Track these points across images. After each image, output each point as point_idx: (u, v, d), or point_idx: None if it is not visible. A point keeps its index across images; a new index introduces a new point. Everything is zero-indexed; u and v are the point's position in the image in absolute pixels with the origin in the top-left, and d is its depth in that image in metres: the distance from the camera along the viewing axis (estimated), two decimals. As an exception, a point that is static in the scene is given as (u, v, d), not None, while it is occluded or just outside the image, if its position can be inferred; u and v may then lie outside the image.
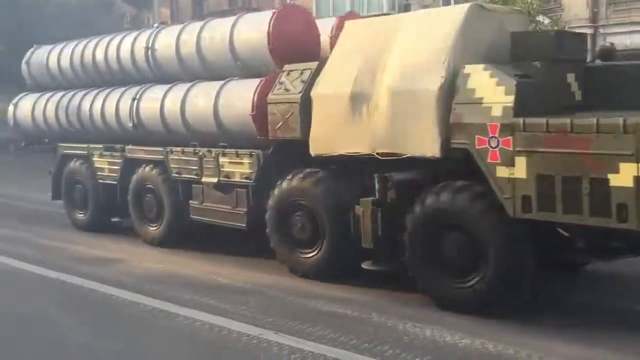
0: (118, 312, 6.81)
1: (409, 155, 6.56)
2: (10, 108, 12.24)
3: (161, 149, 9.31)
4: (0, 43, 30.35)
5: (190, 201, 8.98)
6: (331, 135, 7.24)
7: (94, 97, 10.49)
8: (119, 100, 9.98)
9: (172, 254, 9.21)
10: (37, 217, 12.59)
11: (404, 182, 6.68)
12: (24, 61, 12.24)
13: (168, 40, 9.43)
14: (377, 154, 6.80)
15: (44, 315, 6.69)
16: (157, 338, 6.03)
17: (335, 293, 7.12)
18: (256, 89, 7.96)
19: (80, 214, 11.08)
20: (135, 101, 9.61)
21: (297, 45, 8.05)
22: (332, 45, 7.94)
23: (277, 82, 7.81)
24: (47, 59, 11.73)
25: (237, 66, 8.56)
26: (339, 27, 8.14)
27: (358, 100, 7.00)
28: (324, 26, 8.63)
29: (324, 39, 8.43)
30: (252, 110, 7.91)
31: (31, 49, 12.34)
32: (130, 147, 9.88)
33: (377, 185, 6.81)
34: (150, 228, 9.70)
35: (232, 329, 6.08)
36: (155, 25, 10.14)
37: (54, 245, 9.92)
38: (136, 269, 8.43)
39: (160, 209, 9.48)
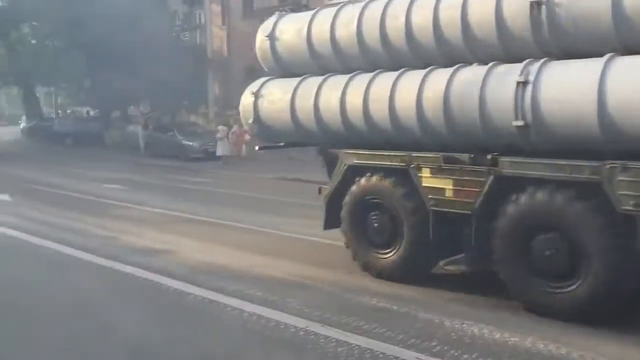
0: (168, 301, 6.95)
1: None
2: (249, 99, 8.67)
3: (594, 163, 5.70)
4: (56, 39, 31.51)
5: None
6: None
7: (422, 83, 6.83)
8: (483, 86, 6.32)
9: (221, 245, 9.36)
10: (90, 207, 12.96)
11: None
12: (262, 35, 8.67)
13: None
14: None
15: (97, 303, 6.87)
16: (206, 327, 6.13)
17: (382, 288, 7.10)
18: None
19: (383, 254, 7.43)
20: (529, 86, 6.01)
21: None
22: None
23: None
24: (308, 30, 8.07)
25: None
26: None
27: None
28: None
29: None
30: None
31: (273, 17, 8.78)
32: (511, 159, 6.25)
33: None
34: (557, 290, 6.00)
35: (279, 320, 6.13)
36: None
37: (107, 235, 10.19)
38: (186, 260, 8.58)
39: (580, 261, 5.85)
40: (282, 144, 9.20)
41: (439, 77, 6.76)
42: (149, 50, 25.66)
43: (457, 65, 6.75)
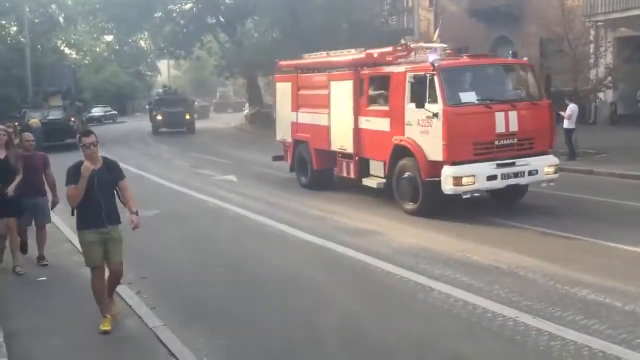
0: (377, 280, 7.17)
1: None
2: None
3: None
4: (275, 32, 33.92)
5: None
6: None
7: None
8: None
9: (426, 229, 9.38)
10: (302, 188, 13.79)
11: None
12: None
13: None
14: None
15: (311, 277, 7.36)
16: (413, 309, 6.22)
17: (603, 282, 6.56)
18: None
19: None
20: None
21: None
22: None
23: None
24: None
25: None
26: None
27: None
28: None
29: None
30: None
31: None
32: None
33: None
34: None
35: (486, 307, 6.00)
36: None
37: (320, 215, 10.81)
38: (392, 241, 8.76)
39: None
40: None
41: None
42: (359, 36, 26.41)
43: None
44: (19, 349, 5.53)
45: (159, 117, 32.86)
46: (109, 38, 50.61)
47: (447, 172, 9.56)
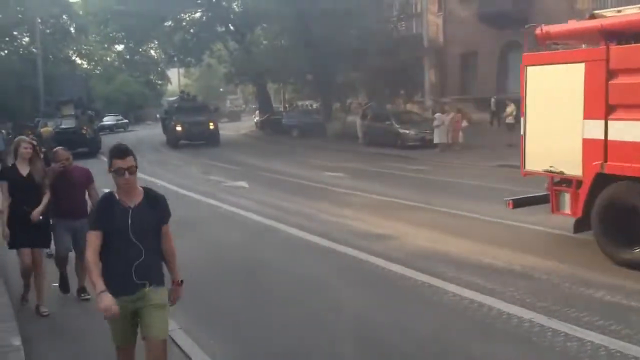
0: (390, 284, 7.17)
1: None
2: None
3: None
4: (283, 38, 34.09)
5: None
6: None
7: None
8: None
9: (440, 233, 9.37)
10: (316, 193, 13.84)
11: None
12: None
13: None
14: None
15: (325, 282, 7.35)
16: (427, 312, 6.21)
17: (620, 282, 6.55)
18: None
19: None
20: None
21: None
22: None
23: None
24: None
25: None
26: None
27: None
28: None
29: None
30: None
31: None
32: None
33: None
34: None
35: (501, 309, 5.98)
36: None
37: (332, 220, 10.82)
38: (406, 245, 8.76)
39: None
40: None
41: None
42: (367, 42, 26.48)
43: None
44: (36, 354, 5.57)
45: (179, 128, 28.51)
46: (119, 48, 51.02)
47: None
